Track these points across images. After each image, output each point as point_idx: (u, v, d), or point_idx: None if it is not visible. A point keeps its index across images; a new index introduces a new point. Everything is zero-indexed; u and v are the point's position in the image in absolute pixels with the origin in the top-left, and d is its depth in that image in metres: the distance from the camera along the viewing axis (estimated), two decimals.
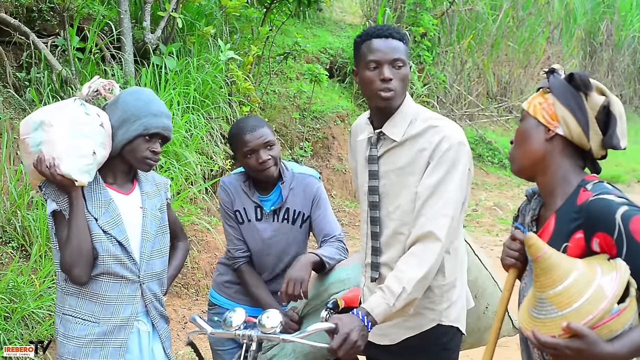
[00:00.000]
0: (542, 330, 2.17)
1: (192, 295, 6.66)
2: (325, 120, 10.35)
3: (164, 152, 7.06)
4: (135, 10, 8.58)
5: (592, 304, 2.11)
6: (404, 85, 3.00)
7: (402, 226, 3.02)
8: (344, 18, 13.85)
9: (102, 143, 3.13)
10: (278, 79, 10.48)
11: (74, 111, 3.12)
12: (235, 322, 3.08)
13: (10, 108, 6.99)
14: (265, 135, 3.63)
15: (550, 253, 2.22)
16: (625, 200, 2.24)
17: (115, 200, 3.21)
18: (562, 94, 2.40)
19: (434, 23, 12.37)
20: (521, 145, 2.48)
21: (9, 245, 5.67)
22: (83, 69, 7.47)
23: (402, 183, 3.01)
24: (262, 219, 3.75)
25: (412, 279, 2.84)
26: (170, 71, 7.81)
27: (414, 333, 3.10)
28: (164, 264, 3.38)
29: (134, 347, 3.25)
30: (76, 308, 3.17)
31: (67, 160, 3.03)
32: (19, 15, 7.59)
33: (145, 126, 3.17)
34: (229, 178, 3.83)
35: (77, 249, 3.06)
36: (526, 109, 2.47)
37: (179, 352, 5.79)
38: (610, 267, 2.17)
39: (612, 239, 2.20)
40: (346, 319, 2.83)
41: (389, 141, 3.04)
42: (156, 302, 3.32)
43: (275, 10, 9.47)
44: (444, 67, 13.45)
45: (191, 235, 7.01)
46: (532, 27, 15.87)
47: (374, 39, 3.00)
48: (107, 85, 3.24)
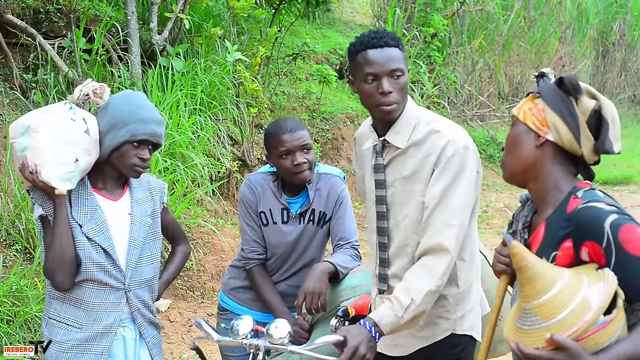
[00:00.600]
0: (526, 341, 2.10)
1: (197, 298, 6.63)
2: (334, 121, 10.30)
3: (170, 154, 7.03)
4: (143, 12, 8.56)
5: (576, 316, 2.04)
6: (404, 94, 2.92)
7: (411, 236, 2.95)
8: (354, 18, 13.80)
9: (86, 149, 3.09)
10: (287, 79, 10.44)
11: (60, 117, 3.09)
12: (243, 330, 3.04)
13: (17, 110, 6.99)
14: (303, 137, 3.56)
15: (535, 262, 2.16)
16: (615, 209, 2.17)
17: (102, 207, 3.18)
18: (551, 98, 2.34)
19: (445, 23, 12.30)
20: (512, 152, 2.42)
21: (12, 248, 5.66)
22: (90, 70, 7.45)
23: (409, 192, 2.94)
24: (288, 222, 3.68)
25: (421, 291, 2.79)
26: (177, 72, 7.79)
27: (427, 343, 3.04)
28: (155, 270, 3.34)
29: (119, 354, 3.22)
30: (60, 312, 3.16)
31: (48, 168, 3.01)
32: (26, 17, 7.58)
33: (133, 132, 3.12)
34: (256, 176, 3.76)
35: (59, 255, 3.04)
36: (516, 115, 2.42)
37: (182, 356, 5.77)
38: (597, 278, 2.11)
39: (600, 248, 2.14)
40: (354, 331, 2.77)
41: (394, 148, 2.97)
42: (144, 309, 3.28)
43: (284, 11, 9.42)
44: (455, 68, 13.37)
45: (197, 237, 6.98)
46: (544, 27, 15.76)
47: (369, 50, 2.89)
48: (98, 89, 3.19)
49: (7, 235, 5.71)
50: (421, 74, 11.68)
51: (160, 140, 3.22)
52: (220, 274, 6.79)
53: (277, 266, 3.75)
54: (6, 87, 7.15)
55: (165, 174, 6.73)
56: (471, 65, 13.89)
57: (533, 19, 15.50)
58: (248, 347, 3.01)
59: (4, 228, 5.70)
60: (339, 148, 10.08)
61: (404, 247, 2.98)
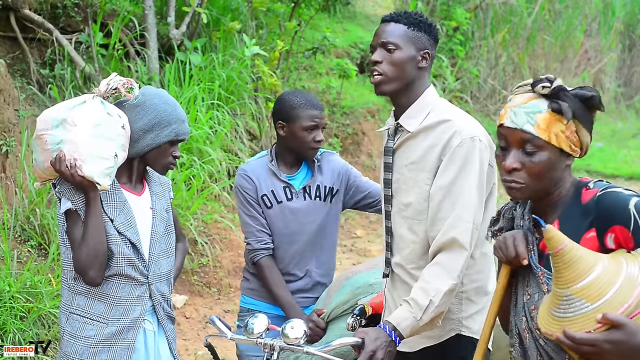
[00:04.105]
0: (574, 328, 2.01)
1: (213, 294, 6.58)
2: (355, 116, 10.22)
3: (187, 150, 7.00)
4: (160, 6, 8.51)
5: (625, 293, 1.98)
6: (397, 70, 2.86)
7: (414, 226, 2.90)
8: (375, 12, 13.68)
9: (122, 145, 3.08)
10: (307, 74, 10.37)
11: (96, 111, 3.04)
12: (257, 329, 3.01)
13: (34, 105, 6.98)
14: (325, 118, 3.68)
15: (572, 245, 2.07)
16: (633, 192, 2.15)
17: (129, 201, 3.18)
18: (583, 119, 2.24)
19: (467, 17, 12.17)
20: (543, 177, 2.25)
21: (27, 244, 5.64)
22: (106, 65, 7.43)
23: (414, 179, 2.89)
24: (292, 198, 3.68)
25: (439, 291, 2.73)
26: (195, 67, 7.75)
27: (432, 343, 2.98)
28: (171, 264, 3.35)
29: (140, 347, 3.23)
30: (85, 308, 3.14)
31: (90, 163, 2.98)
32: (43, 12, 7.57)
33: (177, 132, 3.18)
34: (249, 165, 3.76)
35: (93, 250, 3.01)
36: (546, 140, 2.21)
37: (198, 352, 5.73)
38: (633, 258, 2.06)
39: (628, 231, 2.08)
40: (373, 334, 2.73)
41: (405, 132, 2.93)
42: (164, 303, 3.30)
43: (304, 4, 9.35)
44: (478, 62, 13.22)
45: (214, 233, 6.95)
46: (569, 20, 15.53)
47: (381, 24, 2.95)
48: (126, 83, 3.14)
49: (21, 231, 5.68)
50: (443, 67, 11.58)
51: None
52: (237, 270, 6.74)
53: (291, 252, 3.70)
54: (23, 82, 7.14)
55: (182, 170, 6.69)
56: (494, 59, 13.73)
57: (558, 12, 15.29)
58: (263, 346, 2.98)
59: (19, 224, 5.68)
60: (360, 143, 9.99)
61: (406, 236, 2.93)
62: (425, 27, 2.90)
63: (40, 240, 5.65)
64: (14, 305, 4.85)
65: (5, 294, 4.85)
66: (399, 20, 2.88)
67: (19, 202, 5.75)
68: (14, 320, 4.80)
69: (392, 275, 3.03)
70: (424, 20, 2.91)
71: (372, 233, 8.56)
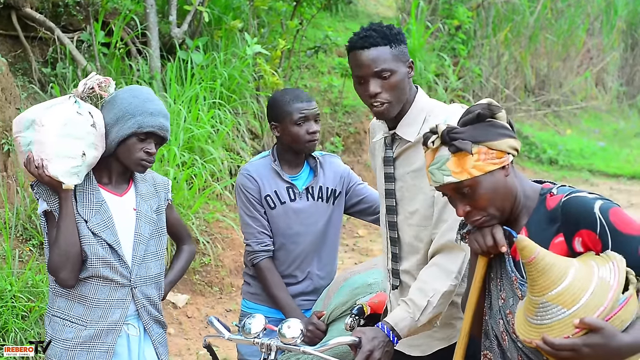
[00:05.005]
0: (552, 334, 2.04)
1: (215, 293, 6.57)
2: (357, 115, 10.20)
3: (189, 149, 6.98)
4: (162, 4, 8.50)
5: (599, 296, 2.02)
6: (396, 93, 2.78)
7: (421, 232, 2.87)
8: (377, 11, 13.67)
9: (92, 144, 3.03)
10: (309, 73, 10.36)
11: (65, 110, 3.03)
12: (254, 329, 3.01)
13: (35, 103, 6.94)
14: (317, 107, 3.64)
15: (544, 253, 2.10)
16: (597, 195, 2.20)
17: (107, 202, 3.13)
18: (487, 134, 2.25)
19: (469, 15, 12.16)
20: (496, 200, 2.27)
21: (29, 243, 5.63)
22: (108, 64, 7.43)
23: (418, 186, 2.85)
24: (296, 199, 3.65)
25: (437, 292, 2.73)
26: (197, 66, 7.73)
27: (444, 345, 2.97)
28: (161, 267, 3.29)
29: (123, 352, 3.18)
30: (65, 310, 3.11)
31: (55, 162, 2.96)
32: (45, 10, 7.55)
33: (140, 124, 3.06)
34: (252, 165, 3.73)
35: (64, 251, 2.99)
36: (469, 177, 2.23)
37: (199, 352, 5.72)
38: (603, 260, 2.10)
39: (595, 234, 2.13)
40: (370, 333, 2.72)
41: (404, 142, 2.88)
42: (150, 307, 3.23)
43: (305, 3, 9.33)
44: (480, 61, 13.20)
45: (216, 232, 6.93)
46: (572, 18, 15.52)
47: (356, 51, 2.77)
48: (103, 82, 3.13)
49: (23, 230, 5.67)
50: (445, 67, 11.56)
51: (167, 134, 3.16)
52: (239, 269, 6.73)
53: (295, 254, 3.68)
54: (25, 80, 7.13)
55: (183, 168, 6.67)
56: (496, 58, 13.72)
57: (560, 11, 15.28)
58: (260, 346, 2.97)
59: (20, 223, 5.67)
60: (362, 142, 9.98)
61: (414, 243, 2.90)
62: (401, 37, 2.81)
63: (41, 239, 5.64)
64: (16, 305, 4.85)
65: (6, 293, 4.85)
66: (379, 43, 2.75)
67: (20, 201, 5.75)
68: (16, 319, 4.80)
69: (401, 285, 3.00)
70: (397, 31, 2.81)
71: (374, 232, 8.55)
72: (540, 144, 12.97)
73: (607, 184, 12.14)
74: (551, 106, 14.99)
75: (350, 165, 9.51)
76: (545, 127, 14.26)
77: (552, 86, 15.31)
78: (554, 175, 12.11)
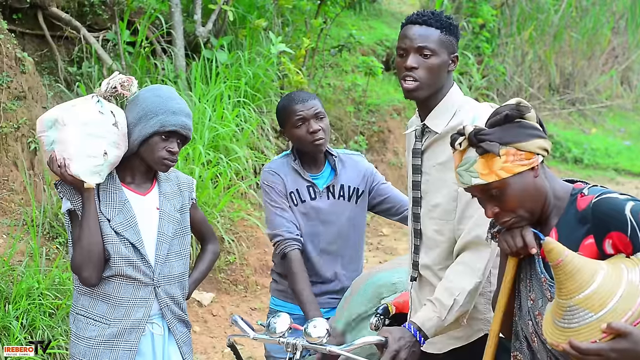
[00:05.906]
0: (579, 338, 2.01)
1: (240, 292, 6.57)
2: (381, 114, 10.17)
3: (214, 147, 6.99)
4: (187, 4, 8.54)
5: (628, 300, 1.99)
6: (432, 76, 2.79)
7: (443, 226, 2.86)
8: (401, 9, 13.63)
9: (114, 143, 3.05)
10: (333, 71, 10.34)
11: (87, 110, 3.04)
12: (280, 328, 3.00)
13: (62, 103, 6.99)
14: (316, 106, 3.58)
15: (572, 256, 2.08)
16: (628, 197, 2.16)
17: (130, 201, 3.14)
18: (516, 135, 2.23)
19: (494, 14, 12.10)
20: (526, 202, 2.26)
21: (55, 241, 5.66)
22: (133, 63, 7.46)
23: (442, 179, 2.84)
24: (316, 197, 3.64)
25: (463, 290, 2.72)
26: (221, 65, 7.75)
27: (461, 343, 2.95)
28: (184, 267, 3.29)
29: (147, 351, 3.19)
30: (88, 308, 3.13)
31: (77, 161, 2.98)
32: (71, 10, 7.62)
33: (162, 123, 3.08)
34: (274, 163, 3.73)
35: (86, 250, 3.00)
36: (496, 179, 2.23)
37: (225, 350, 5.73)
38: (633, 263, 2.06)
39: (626, 236, 2.10)
40: (397, 333, 2.71)
41: (433, 133, 2.87)
42: (173, 306, 3.24)
43: (329, 2, 9.32)
44: (504, 59, 13.14)
45: (240, 231, 6.93)
46: (597, 17, 15.39)
47: (408, 25, 2.82)
48: (126, 81, 3.14)
49: (50, 228, 5.71)
50: (469, 65, 11.51)
51: (189, 133, 3.17)
52: (264, 267, 6.73)
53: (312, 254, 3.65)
54: (51, 80, 7.19)
55: (208, 167, 6.69)
56: (521, 57, 13.65)
57: (585, 9, 15.16)
58: (285, 345, 2.97)
59: (47, 221, 5.70)
60: (385, 141, 9.95)
61: (435, 237, 2.89)
62: (455, 30, 2.85)
63: (68, 237, 5.67)
64: (43, 302, 4.87)
65: (34, 291, 4.88)
66: (432, 24, 2.79)
67: (47, 199, 5.78)
68: (43, 317, 4.82)
69: (420, 278, 3.00)
70: (454, 23, 2.85)
71: (398, 231, 8.52)
72: (565, 142, 12.87)
73: (632, 182, 12.04)
74: (576, 105, 14.88)
75: (374, 164, 9.50)
76: (570, 125, 14.16)
77: (576, 85, 15.20)
78: (579, 175, 12.03)
